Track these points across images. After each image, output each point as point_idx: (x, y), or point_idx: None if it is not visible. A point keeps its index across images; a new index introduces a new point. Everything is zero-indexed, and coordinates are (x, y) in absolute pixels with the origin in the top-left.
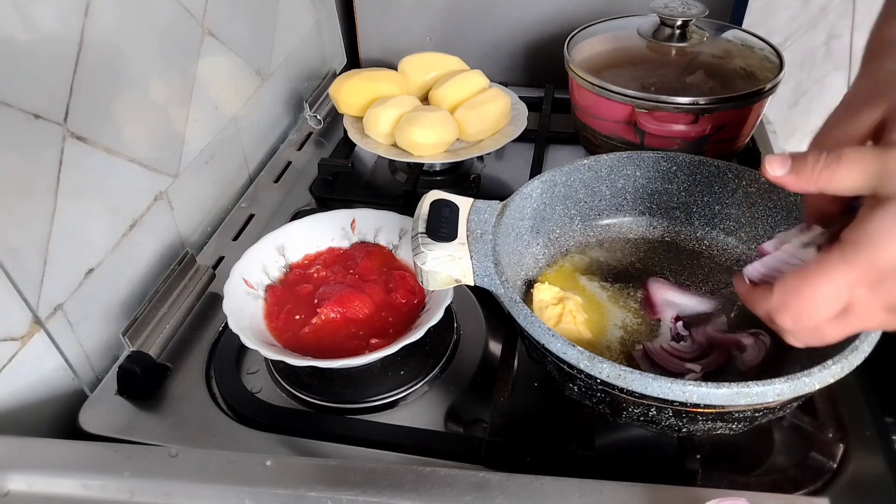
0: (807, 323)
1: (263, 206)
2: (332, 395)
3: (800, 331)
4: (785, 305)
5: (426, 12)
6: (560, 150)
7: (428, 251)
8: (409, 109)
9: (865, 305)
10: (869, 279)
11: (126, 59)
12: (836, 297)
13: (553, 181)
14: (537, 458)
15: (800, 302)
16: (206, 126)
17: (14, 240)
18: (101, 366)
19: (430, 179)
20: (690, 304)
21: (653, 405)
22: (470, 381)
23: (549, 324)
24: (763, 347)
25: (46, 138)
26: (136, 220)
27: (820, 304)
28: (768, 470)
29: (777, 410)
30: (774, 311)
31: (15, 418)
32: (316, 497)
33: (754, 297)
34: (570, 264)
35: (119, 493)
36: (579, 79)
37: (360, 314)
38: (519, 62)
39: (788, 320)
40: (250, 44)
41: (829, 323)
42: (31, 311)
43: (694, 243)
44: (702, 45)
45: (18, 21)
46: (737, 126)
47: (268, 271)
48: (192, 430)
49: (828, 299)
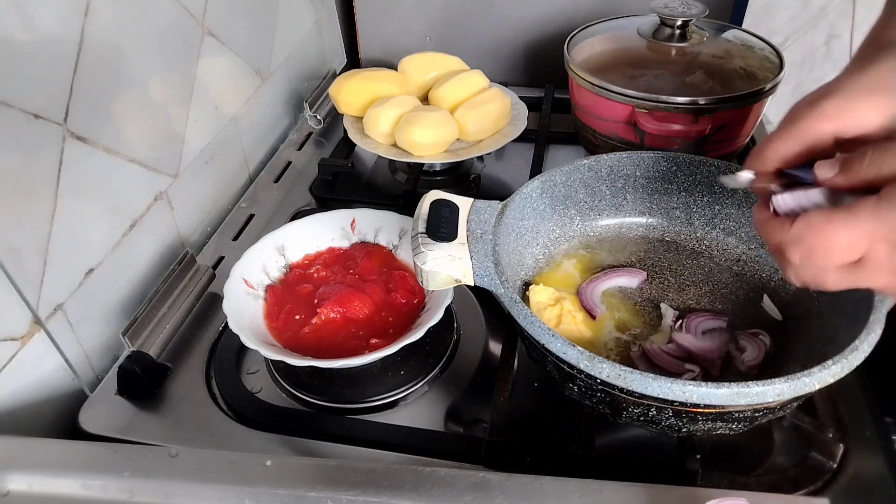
0: (816, 261)
1: (263, 206)
2: (332, 395)
3: (805, 268)
4: (801, 239)
5: (426, 12)
6: (560, 150)
7: (428, 251)
8: (409, 109)
9: (880, 263)
10: (893, 238)
11: (126, 59)
12: (853, 246)
13: (553, 181)
14: (537, 458)
15: (818, 239)
16: (206, 126)
17: (14, 240)
18: (101, 366)
19: (430, 179)
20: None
21: (653, 405)
22: (470, 381)
23: (549, 325)
24: (762, 347)
25: (46, 138)
26: (136, 220)
27: (836, 247)
28: (768, 470)
29: (777, 410)
30: (788, 243)
31: (15, 418)
32: (316, 497)
33: (772, 226)
34: (570, 264)
35: (119, 493)
36: (579, 79)
37: (360, 314)
38: (519, 62)
39: (798, 255)
40: (250, 44)
41: (837, 270)
42: (31, 311)
43: (694, 243)
44: (702, 45)
45: (18, 21)
46: (737, 126)
47: (268, 271)
48: (192, 430)
49: (846, 245)
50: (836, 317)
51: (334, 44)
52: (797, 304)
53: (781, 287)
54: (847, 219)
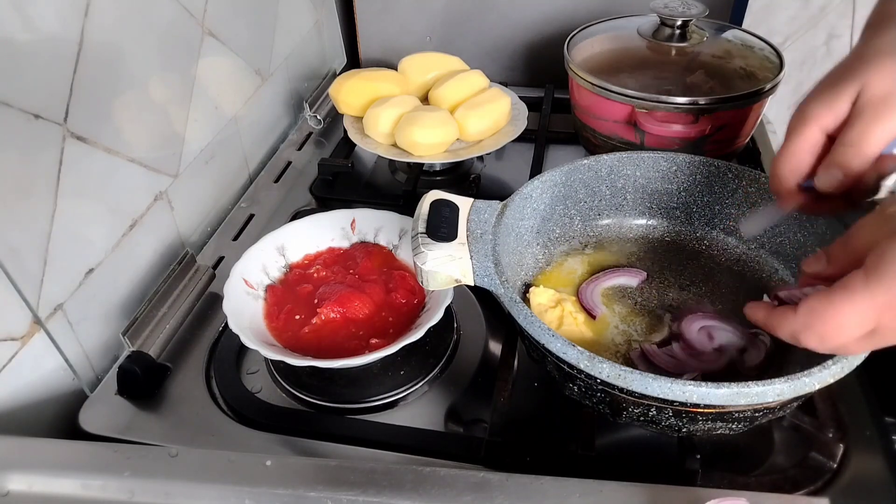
0: (832, 344)
1: (263, 206)
2: (332, 395)
3: (826, 348)
4: (809, 327)
5: (426, 12)
6: (560, 150)
7: (428, 251)
8: (409, 109)
9: (893, 330)
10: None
11: (126, 59)
12: (861, 323)
13: (553, 181)
14: (537, 458)
15: (824, 326)
16: (206, 126)
17: (14, 240)
18: (101, 366)
19: (430, 179)
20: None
21: (653, 405)
22: (470, 381)
23: (550, 327)
24: (763, 348)
25: (46, 138)
26: (136, 220)
27: (845, 329)
28: (768, 470)
29: (777, 410)
30: (799, 332)
31: (15, 418)
32: (316, 497)
33: (776, 319)
34: (570, 264)
35: (119, 493)
36: (579, 79)
37: (360, 314)
38: (519, 62)
39: (814, 341)
40: (250, 44)
41: (856, 342)
42: (31, 311)
43: (694, 243)
44: (702, 45)
45: (18, 21)
46: (737, 126)
47: (268, 271)
48: (192, 430)
49: (853, 324)
50: None
51: (334, 44)
52: None
53: (781, 287)
54: (846, 298)
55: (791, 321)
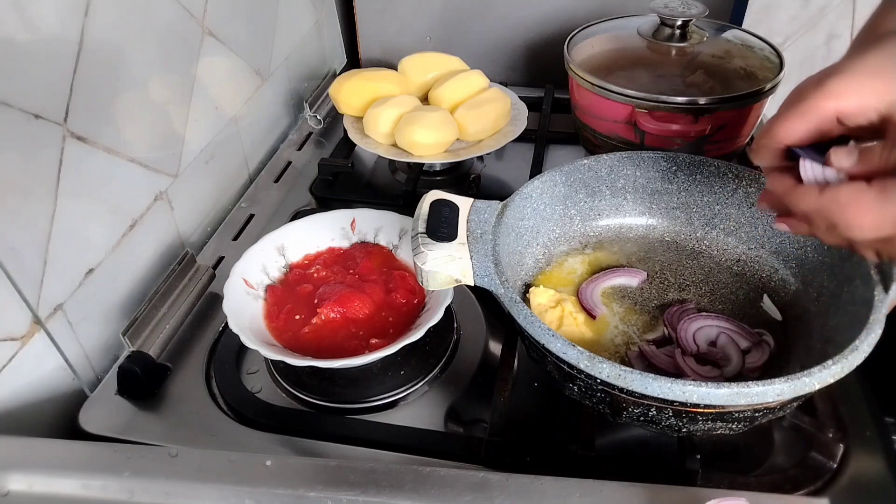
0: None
1: (263, 206)
2: (332, 395)
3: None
4: (828, 212)
5: (426, 12)
6: (560, 150)
7: (428, 251)
8: (409, 109)
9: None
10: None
11: (126, 59)
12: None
13: (553, 181)
14: (537, 458)
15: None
16: (206, 126)
17: (14, 240)
18: (101, 366)
19: (430, 179)
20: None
21: (653, 405)
22: (470, 381)
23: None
24: (766, 349)
25: (46, 138)
26: (136, 220)
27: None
28: (768, 470)
29: (777, 410)
30: (815, 213)
31: (15, 418)
32: (316, 497)
33: (798, 194)
34: (570, 264)
35: (119, 493)
36: (579, 79)
37: (360, 314)
38: (519, 62)
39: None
40: (250, 44)
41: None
42: (31, 311)
43: (694, 243)
44: (702, 45)
45: (18, 21)
46: (737, 126)
47: (268, 271)
48: (192, 430)
49: (871, 226)
50: (836, 317)
51: (334, 44)
52: (797, 304)
53: (781, 287)
54: (877, 199)
55: (812, 200)
